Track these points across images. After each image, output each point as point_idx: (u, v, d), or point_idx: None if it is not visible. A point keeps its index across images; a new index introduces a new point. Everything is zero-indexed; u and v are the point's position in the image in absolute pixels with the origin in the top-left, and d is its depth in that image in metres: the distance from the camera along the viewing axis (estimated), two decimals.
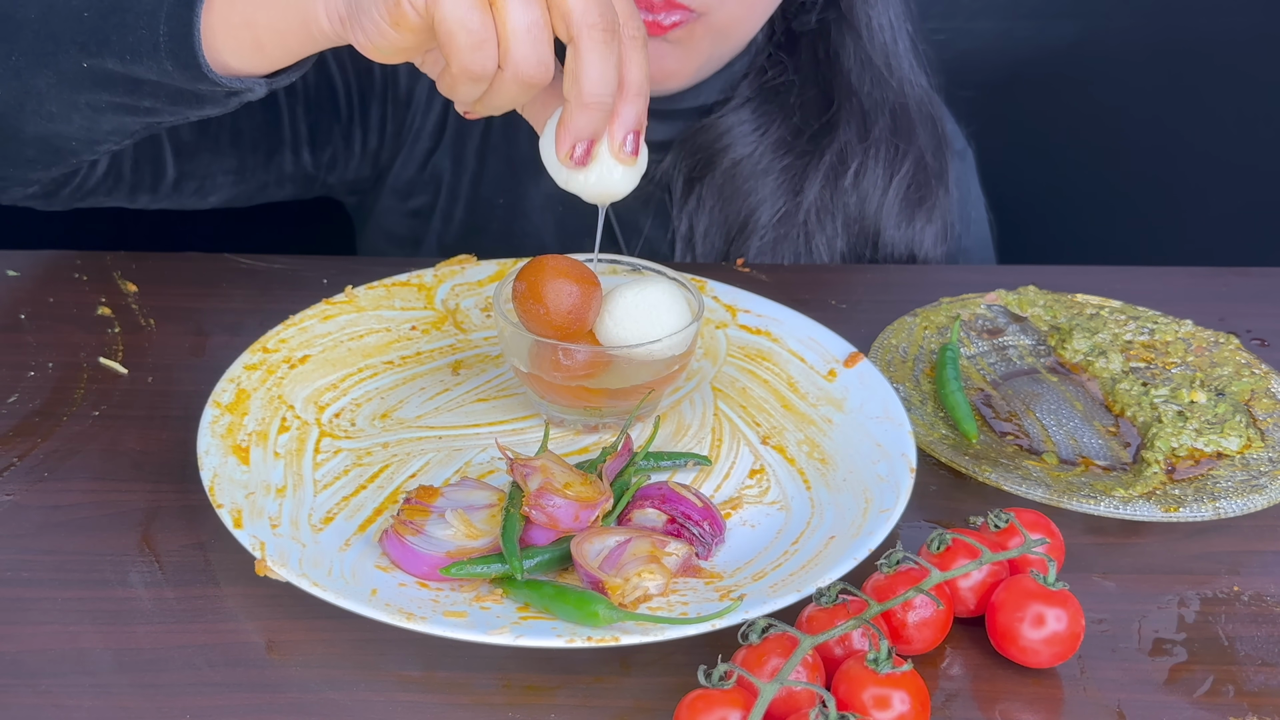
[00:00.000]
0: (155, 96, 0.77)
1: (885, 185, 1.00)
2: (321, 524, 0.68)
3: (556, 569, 0.65)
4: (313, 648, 0.62)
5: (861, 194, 1.00)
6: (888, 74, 1.01)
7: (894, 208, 1.01)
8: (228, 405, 0.75)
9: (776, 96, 1.01)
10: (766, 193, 0.99)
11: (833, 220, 1.00)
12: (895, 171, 1.01)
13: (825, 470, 0.74)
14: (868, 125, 1.00)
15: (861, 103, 1.00)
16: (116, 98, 0.78)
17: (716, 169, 1.00)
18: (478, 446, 0.76)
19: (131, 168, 0.94)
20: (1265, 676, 0.63)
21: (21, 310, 0.89)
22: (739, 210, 1.00)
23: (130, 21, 0.74)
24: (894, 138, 1.01)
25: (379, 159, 1.07)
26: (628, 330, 0.74)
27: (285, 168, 1.03)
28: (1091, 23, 1.33)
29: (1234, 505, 0.73)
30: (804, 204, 1.00)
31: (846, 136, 1.00)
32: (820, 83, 1.02)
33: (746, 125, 1.00)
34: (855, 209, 1.01)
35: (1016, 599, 0.61)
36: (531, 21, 0.64)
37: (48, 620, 0.64)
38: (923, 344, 0.87)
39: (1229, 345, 0.87)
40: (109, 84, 0.77)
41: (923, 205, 1.02)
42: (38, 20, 0.77)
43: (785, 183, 1.00)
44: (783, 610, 0.61)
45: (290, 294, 0.90)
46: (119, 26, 0.74)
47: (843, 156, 1.00)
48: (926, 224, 1.02)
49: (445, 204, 1.05)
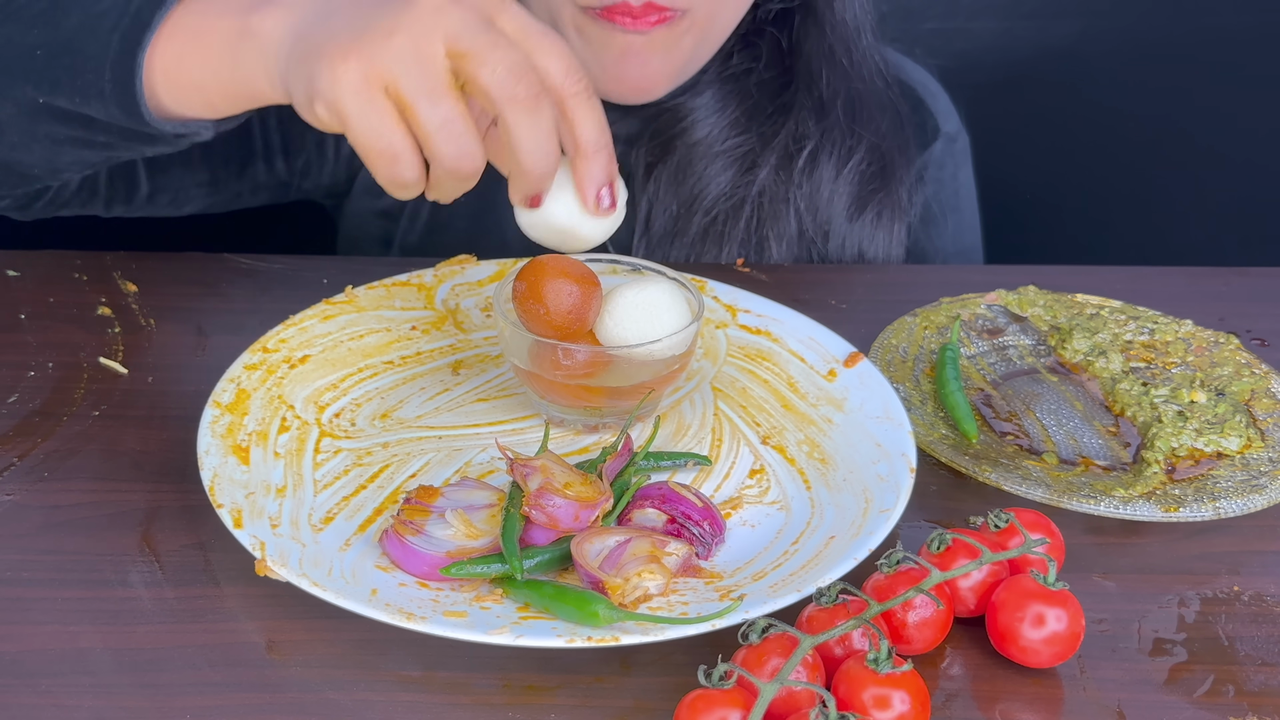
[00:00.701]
0: (108, 134, 0.77)
1: (837, 173, 1.00)
2: (321, 524, 0.68)
3: (556, 569, 0.65)
4: (313, 648, 0.62)
5: (814, 182, 1.00)
6: (849, 64, 1.01)
7: (845, 198, 1.00)
8: (228, 405, 0.75)
9: (737, 81, 1.01)
10: (716, 172, 0.99)
11: (785, 208, 1.00)
12: (849, 159, 1.00)
13: (825, 470, 0.74)
14: (824, 110, 1.00)
15: (820, 89, 1.00)
16: (73, 132, 0.78)
17: (675, 151, 1.00)
18: (478, 446, 0.76)
19: (106, 183, 0.95)
20: (1265, 676, 0.63)
21: (21, 310, 0.89)
22: (690, 190, 1.00)
23: (79, 64, 0.74)
24: (850, 124, 1.00)
25: (353, 161, 1.07)
26: (628, 330, 0.74)
27: (259, 177, 1.03)
28: (1092, 22, 1.32)
29: (1234, 505, 0.73)
30: (754, 184, 0.99)
31: (801, 119, 1.00)
32: (780, 67, 1.02)
33: (706, 109, 1.00)
34: (808, 198, 1.00)
35: (1016, 599, 0.61)
36: (443, 119, 0.63)
37: (48, 620, 0.64)
38: (923, 344, 0.87)
39: (1229, 345, 0.87)
40: (65, 119, 0.77)
41: (874, 198, 1.01)
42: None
43: (736, 161, 1.00)
44: (783, 610, 0.61)
45: (290, 294, 0.90)
46: (68, 69, 0.75)
47: (796, 139, 1.00)
48: (877, 220, 1.02)
49: (413, 203, 1.05)
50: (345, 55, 0.63)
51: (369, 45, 0.63)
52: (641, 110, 1.01)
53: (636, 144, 1.01)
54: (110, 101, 0.73)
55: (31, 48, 0.76)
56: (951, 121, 1.10)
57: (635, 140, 1.01)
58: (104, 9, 0.75)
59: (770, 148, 1.00)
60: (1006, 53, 1.33)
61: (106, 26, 0.74)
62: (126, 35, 0.73)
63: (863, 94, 1.01)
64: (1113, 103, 1.34)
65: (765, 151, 1.00)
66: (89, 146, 0.80)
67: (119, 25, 0.73)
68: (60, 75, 0.75)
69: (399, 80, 0.63)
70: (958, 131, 1.10)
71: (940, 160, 1.08)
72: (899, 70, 1.08)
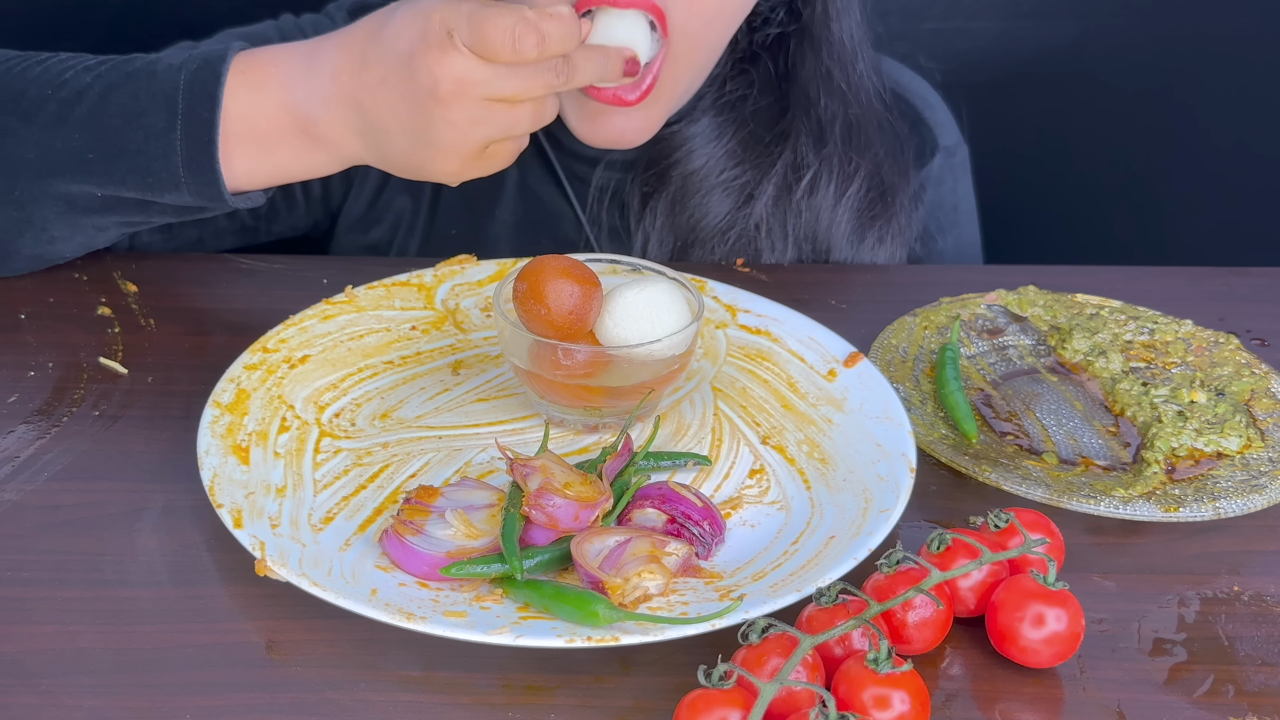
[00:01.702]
0: (164, 213, 0.85)
1: (837, 200, 0.99)
2: (321, 524, 0.68)
3: (556, 569, 0.65)
4: (313, 648, 0.62)
5: (814, 210, 0.99)
6: (846, 87, 1.00)
7: (845, 225, 1.00)
8: (228, 405, 0.75)
9: (733, 108, 1.00)
10: (714, 203, 0.99)
11: (783, 236, 0.99)
12: (848, 186, 1.00)
13: (825, 470, 0.74)
14: (823, 137, 0.99)
15: (818, 115, 0.99)
16: (125, 217, 0.86)
17: (671, 182, 0.99)
18: (478, 446, 0.76)
19: None
20: (1265, 676, 0.63)
21: (21, 310, 0.89)
22: (687, 221, 0.99)
23: (144, 164, 0.81)
24: (848, 150, 0.99)
25: (330, 202, 1.06)
26: (628, 330, 0.74)
27: (219, 223, 1.02)
28: (1092, 22, 1.32)
29: (1234, 505, 0.73)
30: (753, 216, 0.99)
31: (800, 147, 0.99)
32: (777, 94, 1.01)
33: (702, 137, 0.99)
34: (807, 226, 0.99)
35: (1016, 599, 0.61)
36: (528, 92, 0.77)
37: (48, 620, 0.64)
38: (923, 344, 0.87)
39: (1229, 345, 0.87)
40: (120, 208, 0.85)
41: (875, 223, 1.01)
42: (37, 160, 0.83)
43: (734, 193, 0.99)
44: (783, 610, 0.61)
45: (290, 294, 0.90)
46: (132, 170, 0.82)
47: (795, 168, 0.99)
48: (878, 244, 1.01)
49: (402, 238, 1.05)
50: (444, 163, 0.80)
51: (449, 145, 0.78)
52: None
53: (632, 172, 1.00)
54: (187, 192, 0.82)
55: (79, 152, 0.82)
56: (950, 134, 1.09)
57: (631, 168, 1.01)
58: (143, 107, 0.81)
59: (768, 178, 0.99)
60: (1006, 53, 1.33)
61: (159, 126, 0.81)
62: (191, 136, 0.80)
63: (860, 118, 1.00)
64: (1113, 103, 1.34)
65: (763, 182, 0.99)
66: (137, 226, 0.88)
67: (175, 125, 0.80)
68: (125, 176, 0.82)
69: (491, 137, 0.78)
70: (956, 144, 1.09)
71: (939, 176, 1.07)
72: (896, 83, 1.06)
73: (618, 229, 1.02)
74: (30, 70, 0.84)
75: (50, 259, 0.90)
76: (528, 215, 1.04)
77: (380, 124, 0.79)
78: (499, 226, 1.04)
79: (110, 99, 0.82)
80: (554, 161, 1.02)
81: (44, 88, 0.83)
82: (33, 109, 0.83)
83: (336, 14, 1.04)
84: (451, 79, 0.75)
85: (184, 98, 0.80)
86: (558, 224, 1.03)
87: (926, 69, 1.13)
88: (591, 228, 1.02)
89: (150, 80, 0.82)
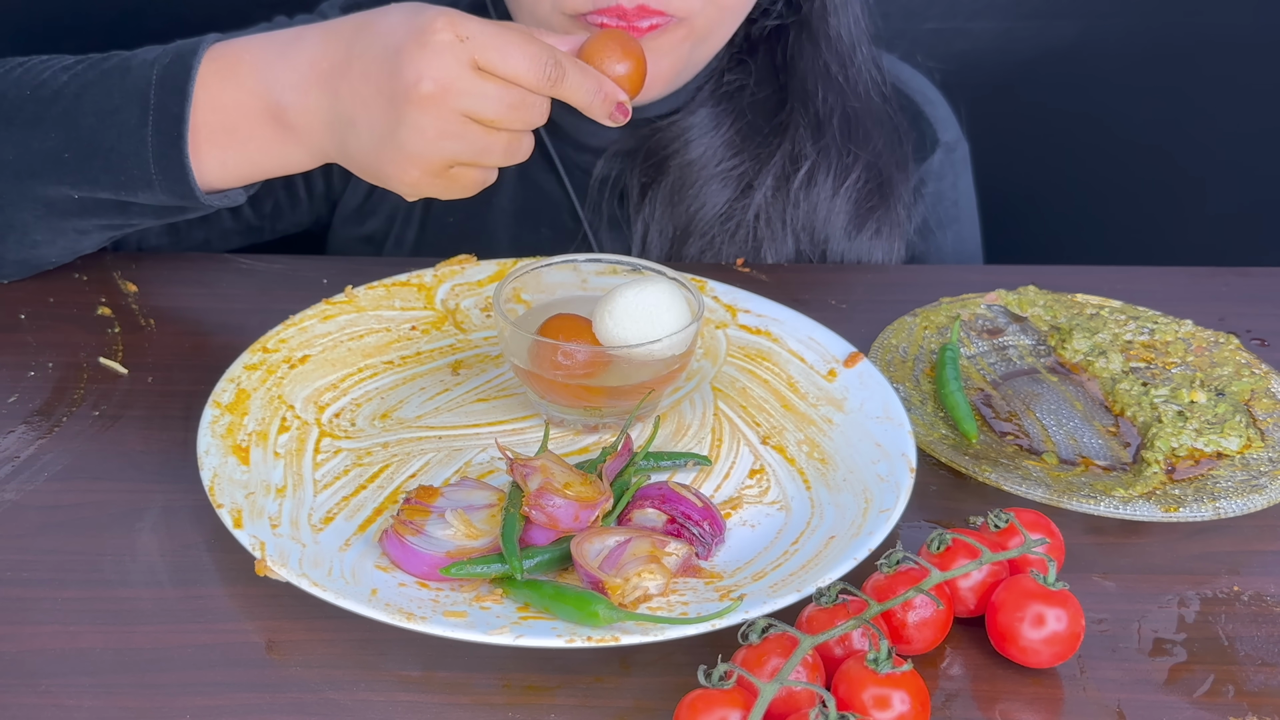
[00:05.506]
0: (143, 214, 0.84)
1: (834, 191, 0.99)
2: (321, 524, 0.68)
3: (556, 569, 0.65)
4: (313, 648, 0.63)
5: (811, 201, 0.99)
6: (844, 81, 1.00)
7: (843, 216, 1.00)
8: (228, 405, 0.75)
9: (731, 99, 1.00)
10: (712, 193, 0.99)
11: (781, 226, 0.99)
12: (846, 178, 1.00)
13: (825, 470, 0.74)
14: (820, 129, 0.99)
15: (816, 107, 0.99)
16: (105, 219, 0.85)
17: (669, 172, 0.99)
18: (478, 446, 0.76)
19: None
20: (1265, 676, 0.63)
21: (21, 310, 0.89)
22: (685, 211, 0.99)
23: (116, 163, 0.80)
24: (847, 142, 0.99)
25: (331, 195, 1.07)
26: (628, 330, 0.74)
27: (224, 223, 1.03)
28: (1092, 23, 1.32)
29: (1234, 505, 0.73)
30: (751, 206, 0.99)
31: (798, 139, 0.99)
32: (775, 85, 1.01)
33: (700, 128, 0.99)
34: (805, 217, 0.99)
35: (1016, 599, 0.61)
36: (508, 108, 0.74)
37: (48, 620, 0.64)
38: (923, 344, 0.87)
39: (1229, 345, 0.87)
40: (98, 210, 0.84)
41: (873, 215, 1.01)
42: (15, 161, 0.83)
43: (732, 183, 0.99)
44: (783, 610, 0.62)
45: (290, 294, 0.90)
46: (106, 169, 0.81)
47: (793, 159, 0.99)
48: (876, 236, 1.01)
49: (399, 228, 1.05)
50: (403, 169, 0.75)
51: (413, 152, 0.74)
52: (635, 128, 1.00)
53: (631, 161, 1.00)
54: (159, 189, 0.80)
55: (55, 152, 0.81)
56: (950, 130, 1.09)
57: (630, 157, 1.01)
58: (116, 104, 0.80)
59: (766, 169, 0.99)
60: (1007, 53, 1.33)
61: (131, 123, 0.80)
62: (161, 131, 0.79)
63: (859, 111, 1.00)
64: (1113, 102, 1.34)
65: (761, 173, 0.99)
66: (118, 228, 0.87)
67: (146, 121, 0.79)
68: (98, 174, 0.81)
69: (459, 157, 0.74)
70: (956, 140, 1.09)
71: (939, 171, 1.07)
72: (896, 79, 1.06)
73: (617, 218, 1.02)
74: (12, 73, 0.84)
75: (37, 264, 0.90)
76: (527, 204, 1.04)
77: (350, 116, 0.76)
78: (498, 215, 1.04)
79: (84, 97, 0.81)
80: (552, 151, 1.02)
81: (22, 89, 0.83)
82: (12, 111, 0.82)
83: (330, 13, 1.04)
84: (434, 80, 0.72)
85: (155, 93, 0.79)
86: (556, 213, 1.03)
87: (926, 69, 1.13)
88: (590, 217, 1.02)
89: (124, 77, 0.81)
